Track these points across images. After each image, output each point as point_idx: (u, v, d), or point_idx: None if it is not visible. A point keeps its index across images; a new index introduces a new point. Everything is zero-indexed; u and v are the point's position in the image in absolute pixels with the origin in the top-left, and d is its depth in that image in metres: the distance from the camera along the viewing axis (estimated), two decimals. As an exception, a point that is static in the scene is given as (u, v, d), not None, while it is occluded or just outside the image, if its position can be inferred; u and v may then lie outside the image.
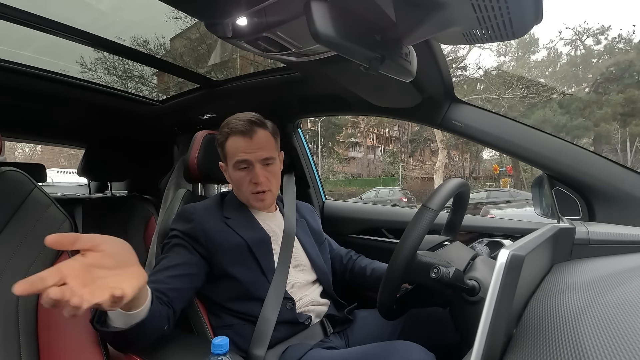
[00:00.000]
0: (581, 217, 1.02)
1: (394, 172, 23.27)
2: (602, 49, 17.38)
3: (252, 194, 0.94)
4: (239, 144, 0.92)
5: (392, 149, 26.81)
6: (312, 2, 0.52)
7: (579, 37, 17.51)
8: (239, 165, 0.93)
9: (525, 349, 0.36)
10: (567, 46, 18.71)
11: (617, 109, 15.88)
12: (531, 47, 18.58)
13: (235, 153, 0.92)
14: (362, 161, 26.19)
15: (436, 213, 0.70)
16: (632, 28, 26.04)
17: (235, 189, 0.98)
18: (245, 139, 0.91)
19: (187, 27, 1.77)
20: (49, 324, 0.67)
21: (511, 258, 0.35)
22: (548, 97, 15.60)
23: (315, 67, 0.91)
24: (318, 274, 0.99)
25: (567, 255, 0.81)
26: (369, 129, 25.81)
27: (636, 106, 15.63)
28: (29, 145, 16.55)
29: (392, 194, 16.10)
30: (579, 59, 17.93)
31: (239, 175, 0.93)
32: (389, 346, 0.77)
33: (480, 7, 0.49)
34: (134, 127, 1.97)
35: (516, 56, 18.40)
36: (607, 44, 17.28)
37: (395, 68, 0.65)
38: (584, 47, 17.59)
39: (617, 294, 0.41)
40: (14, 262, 0.66)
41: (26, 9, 0.96)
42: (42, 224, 0.71)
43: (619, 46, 17.25)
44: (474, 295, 0.67)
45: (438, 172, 16.06)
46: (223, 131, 0.95)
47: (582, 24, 19.28)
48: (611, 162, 1.00)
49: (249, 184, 0.93)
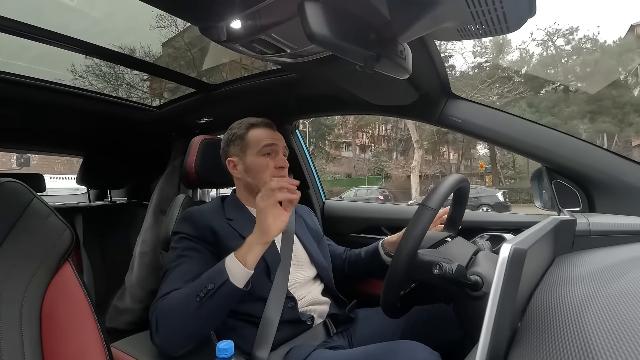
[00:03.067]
0: (581, 208, 1.02)
1: (379, 172, 23.48)
2: (571, 49, 18.12)
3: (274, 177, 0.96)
4: (264, 134, 0.99)
5: (379, 149, 26.90)
6: (306, 3, 0.52)
7: (550, 38, 18.08)
8: (265, 151, 0.97)
9: (531, 342, 0.36)
10: (539, 47, 19.33)
11: (584, 107, 16.34)
12: (504, 49, 19.15)
13: (261, 140, 0.97)
14: (352, 161, 26.27)
15: (435, 211, 0.70)
16: (597, 29, 26.62)
17: (250, 179, 0.98)
18: (269, 130, 1.00)
19: (177, 33, 1.78)
20: (53, 334, 0.67)
21: (513, 252, 0.35)
22: (520, 96, 16.00)
23: (311, 68, 0.91)
24: (318, 269, 1.00)
25: (569, 247, 0.81)
26: (356, 129, 25.86)
27: (602, 104, 16.06)
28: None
29: (370, 193, 16.85)
30: (549, 59, 18.62)
31: (263, 161, 0.95)
32: (393, 346, 0.77)
33: (474, 1, 0.49)
34: (131, 133, 1.97)
35: (491, 57, 18.97)
36: (574, 44, 18.03)
37: (391, 66, 0.65)
38: (555, 48, 18.24)
39: (620, 284, 0.41)
40: (15, 273, 0.66)
41: (20, 19, 0.95)
42: (42, 234, 0.71)
43: (585, 46, 17.97)
44: (477, 290, 0.67)
45: (414, 171, 16.48)
46: (242, 124, 1.00)
47: (552, 25, 19.85)
48: (610, 153, 1.00)
49: (273, 169, 0.95)
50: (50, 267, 0.70)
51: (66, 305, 0.67)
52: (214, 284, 0.73)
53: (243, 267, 0.75)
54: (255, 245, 0.76)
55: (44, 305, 0.66)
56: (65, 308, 0.67)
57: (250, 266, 0.76)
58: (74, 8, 1.19)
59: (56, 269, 0.70)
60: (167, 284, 0.81)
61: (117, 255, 1.76)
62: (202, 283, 0.75)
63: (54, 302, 0.67)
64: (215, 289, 0.73)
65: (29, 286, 0.53)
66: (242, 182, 1.01)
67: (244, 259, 0.75)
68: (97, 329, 0.68)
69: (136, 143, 2.15)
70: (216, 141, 1.15)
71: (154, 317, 0.76)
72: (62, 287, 0.69)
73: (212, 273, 0.76)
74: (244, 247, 0.77)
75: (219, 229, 0.89)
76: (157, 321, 0.75)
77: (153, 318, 0.77)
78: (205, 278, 0.76)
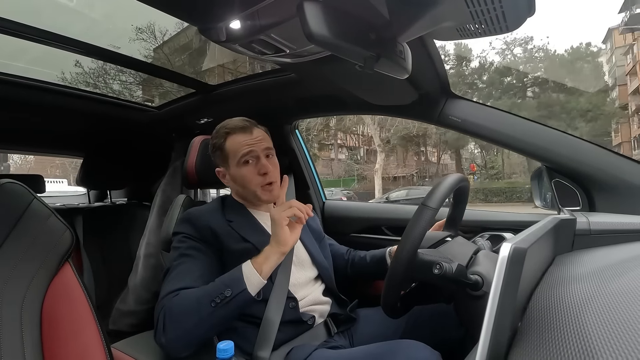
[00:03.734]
0: (581, 207, 1.02)
1: (353, 174, 23.76)
2: (524, 58, 19.37)
3: (260, 187, 0.94)
4: (241, 139, 0.94)
5: (354, 152, 26.98)
6: (305, 3, 0.52)
7: (509, 46, 19.28)
8: (244, 159, 0.93)
9: (531, 341, 0.36)
10: (497, 55, 20.57)
11: (535, 112, 17.04)
12: (467, 57, 19.94)
13: (239, 148, 0.93)
14: (330, 163, 26.38)
15: (435, 211, 0.70)
16: (546, 39, 28.55)
17: (240, 189, 0.98)
18: (246, 134, 0.94)
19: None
20: (54, 336, 0.67)
21: (513, 251, 0.35)
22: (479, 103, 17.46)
23: (310, 68, 0.91)
24: (319, 269, 1.00)
25: (569, 247, 0.81)
26: (336, 131, 25.98)
27: (552, 109, 17.20)
28: (19, 156, 16.57)
29: (334, 194, 17.73)
30: (506, 67, 19.71)
31: (245, 171, 0.94)
32: (394, 345, 0.77)
33: (473, 1, 0.49)
34: (131, 134, 1.97)
35: (455, 65, 19.77)
36: (527, 53, 19.32)
37: (391, 66, 0.65)
38: (513, 56, 19.45)
39: (620, 283, 0.41)
40: (16, 275, 0.66)
41: (19, 20, 0.95)
42: (42, 235, 0.71)
43: (537, 55, 19.32)
44: (477, 289, 0.67)
45: (377, 173, 17.11)
46: (220, 133, 0.96)
47: (510, 35, 20.79)
48: (609, 152, 1.00)
49: (257, 177, 0.93)
50: (51, 268, 0.70)
51: (66, 307, 0.67)
52: (231, 291, 0.73)
53: (259, 276, 0.76)
54: (272, 255, 0.78)
55: (45, 306, 0.66)
56: (65, 309, 0.67)
57: (265, 276, 0.77)
58: (73, 9, 1.18)
59: (56, 270, 0.70)
60: (172, 282, 0.80)
61: (117, 256, 1.76)
62: (218, 289, 0.75)
63: (55, 303, 0.67)
64: (232, 296, 0.73)
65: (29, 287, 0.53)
66: (234, 190, 1.02)
67: (260, 268, 0.77)
68: (97, 330, 0.68)
69: (136, 144, 2.15)
70: None
71: (161, 316, 0.75)
72: (63, 288, 0.69)
73: (229, 280, 0.76)
74: (260, 257, 0.78)
75: (219, 230, 0.89)
76: (165, 321, 0.74)
77: (160, 317, 0.75)
78: (221, 284, 0.76)
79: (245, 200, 1.00)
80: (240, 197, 1.01)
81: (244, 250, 0.88)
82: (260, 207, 1.01)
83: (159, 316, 0.76)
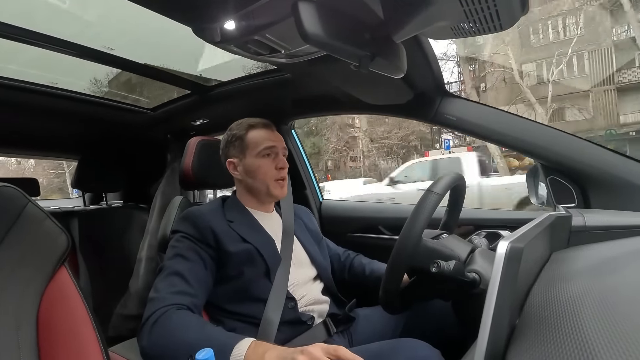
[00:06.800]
0: (577, 204, 1.03)
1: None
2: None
3: (274, 181, 0.97)
4: (264, 135, 0.98)
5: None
6: (300, 3, 0.52)
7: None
8: (264, 152, 0.96)
9: (529, 338, 0.36)
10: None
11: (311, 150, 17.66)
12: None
13: (261, 141, 0.97)
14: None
15: (440, 196, 0.72)
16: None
17: (250, 180, 0.98)
18: (268, 131, 0.99)
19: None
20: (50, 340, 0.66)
21: (510, 249, 0.35)
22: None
23: (306, 68, 0.91)
24: (318, 269, 1.00)
25: (565, 243, 0.82)
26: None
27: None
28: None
29: None
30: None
31: (263, 162, 0.96)
32: (394, 344, 0.78)
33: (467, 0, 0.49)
34: (126, 136, 1.96)
35: None
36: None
37: (386, 65, 0.66)
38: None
39: (615, 278, 0.42)
40: (12, 280, 0.66)
41: (11, 22, 0.94)
42: (38, 238, 0.70)
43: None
44: (475, 287, 0.67)
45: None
46: (242, 126, 0.99)
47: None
48: (604, 149, 1.01)
49: (273, 170, 0.96)
50: (46, 272, 0.69)
51: (63, 310, 0.67)
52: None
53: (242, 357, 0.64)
54: (273, 352, 0.64)
55: (41, 310, 0.66)
56: (62, 313, 0.67)
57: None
58: (66, 10, 1.17)
59: (52, 274, 0.70)
60: (165, 284, 0.79)
61: (114, 258, 1.75)
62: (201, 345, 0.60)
63: (51, 307, 0.66)
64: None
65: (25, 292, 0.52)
66: (242, 184, 1.01)
67: (253, 354, 0.64)
68: (94, 334, 0.67)
69: (131, 145, 2.14)
70: (213, 142, 1.15)
71: (152, 319, 0.74)
72: (59, 292, 0.68)
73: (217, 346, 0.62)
74: (264, 346, 0.66)
75: (219, 230, 0.89)
76: (153, 328, 0.74)
77: (151, 319, 0.74)
78: (205, 342, 0.63)
79: (250, 195, 1.00)
80: (246, 191, 1.01)
81: (244, 251, 0.88)
82: (261, 207, 1.02)
83: (150, 319, 0.75)
